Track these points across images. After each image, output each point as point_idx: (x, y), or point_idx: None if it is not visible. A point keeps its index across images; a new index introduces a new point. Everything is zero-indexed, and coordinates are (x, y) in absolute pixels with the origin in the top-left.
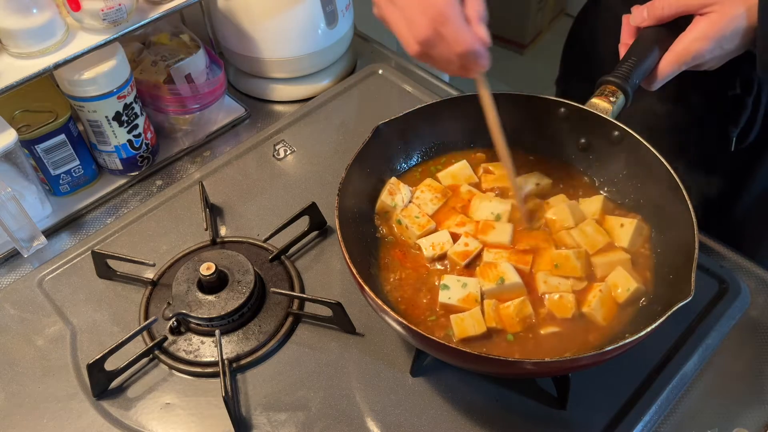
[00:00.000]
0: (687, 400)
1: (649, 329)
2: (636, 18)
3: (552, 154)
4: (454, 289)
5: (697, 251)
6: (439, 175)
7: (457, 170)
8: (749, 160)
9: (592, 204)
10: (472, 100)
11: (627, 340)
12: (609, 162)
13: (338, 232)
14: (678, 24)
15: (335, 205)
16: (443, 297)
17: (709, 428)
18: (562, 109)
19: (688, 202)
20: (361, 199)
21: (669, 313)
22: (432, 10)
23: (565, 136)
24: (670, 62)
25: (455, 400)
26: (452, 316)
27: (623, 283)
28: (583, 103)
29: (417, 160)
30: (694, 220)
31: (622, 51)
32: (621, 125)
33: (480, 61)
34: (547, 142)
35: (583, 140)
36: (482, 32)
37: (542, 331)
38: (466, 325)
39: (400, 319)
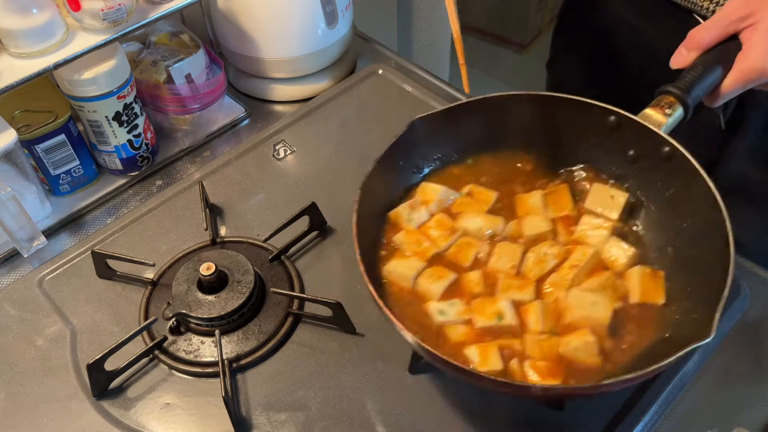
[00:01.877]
0: (687, 400)
1: (655, 366)
2: (677, 61)
3: (590, 162)
4: (447, 310)
5: (726, 293)
6: (422, 186)
7: (433, 191)
8: (724, 140)
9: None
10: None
11: (628, 376)
12: (653, 179)
13: (354, 232)
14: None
15: (355, 203)
16: (440, 319)
17: (709, 428)
18: (612, 118)
19: (730, 237)
20: (375, 203)
21: (681, 353)
22: None
23: (612, 146)
24: (733, 81)
25: (455, 401)
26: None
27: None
28: (636, 113)
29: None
30: (732, 259)
31: (679, 60)
32: (672, 141)
33: None
34: (584, 150)
35: (631, 152)
36: None
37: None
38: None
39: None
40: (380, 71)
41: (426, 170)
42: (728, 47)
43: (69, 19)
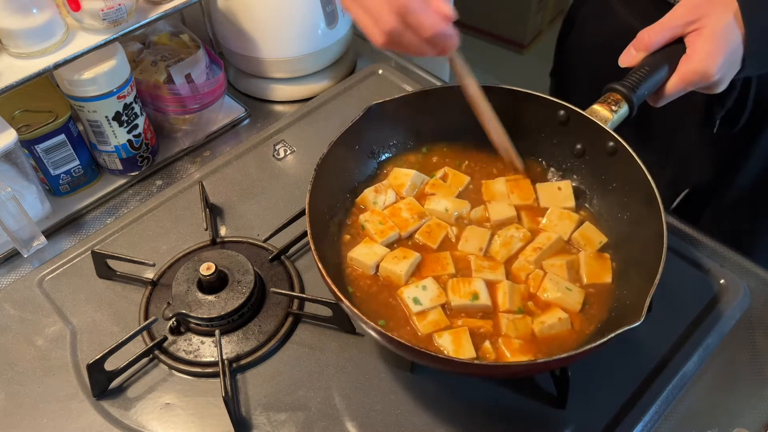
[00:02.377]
0: (687, 400)
1: (589, 347)
2: (626, 60)
3: (539, 155)
4: (421, 297)
5: (659, 277)
6: (394, 171)
7: (404, 175)
8: (740, 147)
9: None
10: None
11: (560, 356)
12: (598, 172)
13: (307, 211)
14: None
15: (309, 183)
16: (416, 309)
17: (709, 428)
18: (562, 112)
19: (664, 227)
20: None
21: (612, 335)
22: (395, 3)
23: (561, 139)
24: (676, 83)
25: (455, 400)
26: (441, 339)
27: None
28: (584, 107)
29: (408, 146)
30: (665, 243)
31: (627, 59)
32: (616, 136)
33: (449, 41)
34: (533, 142)
35: (579, 146)
36: (445, 9)
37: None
38: (461, 346)
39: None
40: (380, 71)
41: (382, 156)
42: (674, 49)
43: (69, 19)
